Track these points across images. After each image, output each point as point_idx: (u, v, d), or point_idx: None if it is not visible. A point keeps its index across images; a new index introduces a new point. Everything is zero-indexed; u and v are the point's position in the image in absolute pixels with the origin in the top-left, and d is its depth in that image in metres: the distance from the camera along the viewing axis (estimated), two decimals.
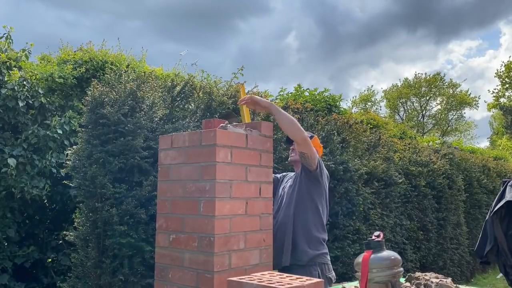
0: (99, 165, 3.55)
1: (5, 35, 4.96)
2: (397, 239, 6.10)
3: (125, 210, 3.47)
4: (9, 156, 4.41)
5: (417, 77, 35.15)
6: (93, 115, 3.69)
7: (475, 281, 8.42)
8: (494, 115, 32.78)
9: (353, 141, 5.61)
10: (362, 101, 34.85)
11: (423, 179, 6.96)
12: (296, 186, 2.94)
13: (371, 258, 1.88)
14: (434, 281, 2.15)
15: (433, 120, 35.10)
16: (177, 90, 4.19)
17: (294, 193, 2.94)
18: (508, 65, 30.81)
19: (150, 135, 3.75)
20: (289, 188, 3.02)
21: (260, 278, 1.92)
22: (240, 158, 2.40)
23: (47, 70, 5.20)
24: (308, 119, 5.03)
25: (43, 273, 4.88)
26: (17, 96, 4.57)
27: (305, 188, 2.91)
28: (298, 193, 2.92)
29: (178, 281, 2.37)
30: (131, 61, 5.89)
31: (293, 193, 2.94)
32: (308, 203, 2.90)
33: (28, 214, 4.96)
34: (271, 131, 2.67)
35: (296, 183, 2.96)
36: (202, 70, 6.18)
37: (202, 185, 2.31)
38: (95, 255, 3.54)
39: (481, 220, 8.68)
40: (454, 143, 14.02)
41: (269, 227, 2.57)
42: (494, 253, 2.86)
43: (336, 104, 8.82)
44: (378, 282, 1.86)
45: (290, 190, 2.99)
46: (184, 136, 2.47)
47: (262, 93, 5.53)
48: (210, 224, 2.24)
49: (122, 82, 3.90)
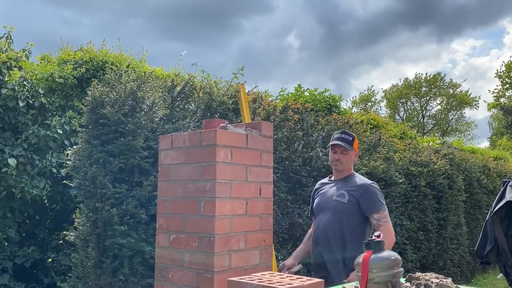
0: (100, 165, 3.55)
1: (5, 35, 4.97)
2: (397, 239, 6.09)
3: (125, 210, 3.47)
4: (9, 156, 4.42)
5: (417, 77, 35.16)
6: (93, 115, 3.69)
7: (475, 281, 8.42)
8: (494, 115, 32.78)
9: None
10: (362, 101, 34.87)
11: (423, 179, 6.96)
12: (353, 202, 3.06)
13: (371, 258, 1.88)
14: (435, 281, 2.15)
15: (433, 120, 35.10)
16: (177, 90, 4.19)
17: (349, 205, 3.05)
18: (508, 65, 30.82)
19: (151, 135, 3.75)
20: (342, 197, 3.10)
21: (260, 278, 1.92)
22: (240, 158, 2.40)
23: (47, 70, 5.20)
24: (308, 119, 5.03)
25: (43, 273, 4.88)
26: (17, 96, 4.58)
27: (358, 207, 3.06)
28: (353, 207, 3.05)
29: (178, 281, 2.37)
30: (131, 61, 5.90)
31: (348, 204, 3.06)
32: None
33: (28, 214, 4.96)
34: (271, 131, 2.67)
35: (354, 200, 3.06)
36: (202, 70, 6.20)
37: (202, 185, 2.32)
38: (95, 255, 3.54)
39: (481, 220, 8.68)
40: (454, 143, 14.02)
41: (269, 227, 2.57)
42: (494, 253, 2.86)
43: (336, 104, 8.83)
44: (378, 282, 1.86)
45: (344, 200, 3.08)
46: (184, 136, 2.47)
47: (263, 93, 5.53)
48: (210, 224, 2.24)
49: (122, 82, 3.90)
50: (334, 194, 3.11)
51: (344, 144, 3.12)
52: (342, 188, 3.12)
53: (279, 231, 4.28)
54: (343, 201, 3.05)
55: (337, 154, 3.15)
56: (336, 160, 3.15)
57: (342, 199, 3.06)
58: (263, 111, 4.58)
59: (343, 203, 3.05)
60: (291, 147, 4.58)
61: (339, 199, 3.07)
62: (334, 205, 3.07)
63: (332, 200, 3.10)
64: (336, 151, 3.15)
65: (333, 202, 3.08)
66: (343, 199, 3.05)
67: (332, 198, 3.10)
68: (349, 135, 3.18)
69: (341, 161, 3.15)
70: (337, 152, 3.15)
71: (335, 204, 3.07)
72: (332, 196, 3.12)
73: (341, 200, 3.06)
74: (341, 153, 3.15)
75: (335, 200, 3.08)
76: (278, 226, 4.23)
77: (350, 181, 3.15)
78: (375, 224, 3.02)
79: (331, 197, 3.11)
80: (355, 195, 3.05)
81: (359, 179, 3.17)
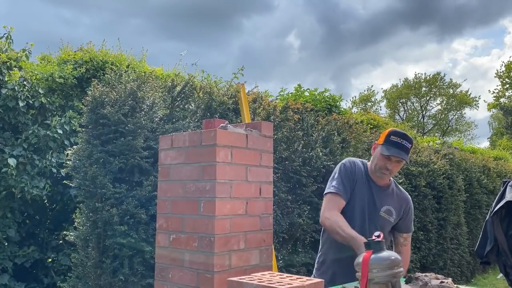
0: (100, 165, 3.55)
1: (5, 35, 4.97)
2: None
3: (126, 210, 3.47)
4: (9, 156, 4.42)
5: (417, 77, 35.18)
6: (94, 115, 3.69)
7: (475, 281, 8.42)
8: (494, 115, 32.79)
9: (353, 141, 5.62)
10: (362, 101, 34.88)
11: (423, 179, 6.96)
12: (395, 220, 2.75)
13: (371, 258, 1.87)
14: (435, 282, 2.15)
15: (433, 120, 35.11)
16: (177, 90, 4.19)
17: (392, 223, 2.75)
18: (508, 65, 30.84)
19: (150, 135, 3.75)
20: (390, 215, 2.73)
21: (260, 278, 1.92)
22: (241, 158, 2.40)
23: (47, 70, 5.20)
24: (308, 119, 5.03)
25: (44, 273, 4.89)
26: (17, 96, 4.58)
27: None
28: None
29: (178, 281, 2.37)
30: (131, 61, 5.90)
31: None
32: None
33: (28, 214, 4.96)
34: (271, 131, 2.67)
35: (397, 218, 2.75)
36: (202, 70, 6.20)
37: (202, 185, 2.32)
38: (95, 255, 3.54)
39: (481, 220, 8.69)
40: (454, 143, 14.02)
41: (270, 227, 2.57)
42: (495, 253, 2.86)
43: (336, 104, 8.83)
44: (378, 282, 1.86)
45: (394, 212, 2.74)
46: (184, 136, 2.47)
47: (263, 93, 5.53)
48: (211, 224, 2.24)
49: (122, 82, 3.90)
50: (381, 208, 2.71)
51: (405, 157, 2.59)
52: (386, 201, 2.72)
53: (279, 231, 4.28)
54: (390, 220, 2.72)
55: (392, 163, 2.62)
56: (386, 169, 2.63)
57: (389, 218, 2.72)
58: (263, 111, 4.58)
59: (389, 222, 2.73)
60: (291, 147, 4.58)
61: (387, 217, 2.71)
62: (381, 223, 2.70)
63: (379, 215, 2.70)
64: (391, 159, 2.62)
65: (381, 218, 2.70)
66: (391, 217, 2.72)
67: (380, 212, 2.70)
68: (410, 142, 2.62)
69: (392, 172, 2.67)
70: (392, 161, 2.62)
71: (383, 221, 2.70)
72: (379, 208, 2.71)
73: (389, 218, 2.72)
74: (397, 162, 2.63)
75: (382, 216, 2.70)
76: (278, 226, 4.23)
77: (392, 192, 2.77)
78: (401, 242, 2.79)
79: (378, 209, 2.70)
80: (401, 213, 2.75)
81: (400, 191, 2.82)
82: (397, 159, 2.59)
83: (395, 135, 2.61)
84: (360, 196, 2.70)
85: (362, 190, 2.71)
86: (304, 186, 4.62)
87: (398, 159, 2.59)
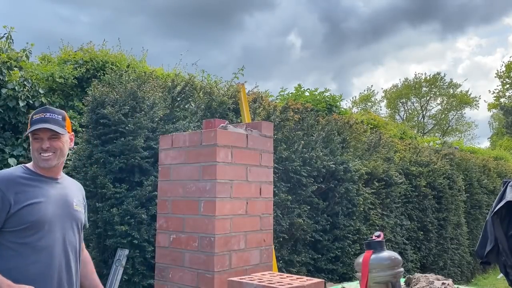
0: (100, 165, 3.56)
1: (5, 35, 4.97)
2: (398, 239, 6.10)
3: (126, 210, 3.47)
4: (9, 156, 4.42)
5: (417, 77, 35.17)
6: (94, 115, 3.69)
7: (475, 281, 8.42)
8: (494, 115, 32.78)
9: (353, 141, 5.62)
10: (362, 101, 34.85)
11: (424, 179, 6.96)
12: None
13: (372, 258, 1.88)
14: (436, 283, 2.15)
15: (434, 120, 35.08)
16: (177, 90, 4.19)
17: None
18: (508, 65, 30.82)
19: (151, 135, 3.75)
20: None
21: (260, 278, 1.92)
22: (241, 158, 2.40)
23: (47, 70, 5.20)
24: (308, 119, 5.03)
25: None
26: (17, 96, 4.58)
27: None
28: None
29: (178, 281, 2.37)
30: (132, 61, 5.90)
31: None
32: None
33: None
34: (271, 131, 2.67)
35: None
36: (202, 70, 6.21)
37: (202, 185, 2.32)
38: (96, 255, 3.54)
39: (481, 220, 8.69)
40: (455, 143, 14.01)
41: (270, 227, 2.57)
42: (495, 253, 2.85)
43: (337, 104, 8.84)
44: (378, 282, 1.86)
45: None
46: (184, 136, 2.47)
47: (263, 93, 5.54)
48: (211, 224, 2.24)
49: (122, 82, 3.90)
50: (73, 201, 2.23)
51: (54, 127, 2.13)
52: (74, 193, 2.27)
53: (279, 231, 4.28)
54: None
55: (45, 141, 2.11)
56: (43, 150, 2.10)
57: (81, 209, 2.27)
58: (263, 111, 4.58)
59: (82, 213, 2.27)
60: (291, 147, 4.58)
61: (79, 209, 2.25)
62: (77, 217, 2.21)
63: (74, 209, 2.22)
64: (43, 137, 2.12)
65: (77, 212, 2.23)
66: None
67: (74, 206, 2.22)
68: (56, 113, 2.17)
69: (56, 150, 2.13)
70: (44, 139, 2.12)
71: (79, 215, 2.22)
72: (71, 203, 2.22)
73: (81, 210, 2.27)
74: (53, 137, 2.13)
75: (77, 210, 2.23)
76: (278, 226, 4.23)
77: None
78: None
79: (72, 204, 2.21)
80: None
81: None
82: (47, 133, 2.09)
83: (36, 113, 2.16)
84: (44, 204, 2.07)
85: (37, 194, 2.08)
86: (304, 186, 4.62)
87: (48, 132, 2.09)
